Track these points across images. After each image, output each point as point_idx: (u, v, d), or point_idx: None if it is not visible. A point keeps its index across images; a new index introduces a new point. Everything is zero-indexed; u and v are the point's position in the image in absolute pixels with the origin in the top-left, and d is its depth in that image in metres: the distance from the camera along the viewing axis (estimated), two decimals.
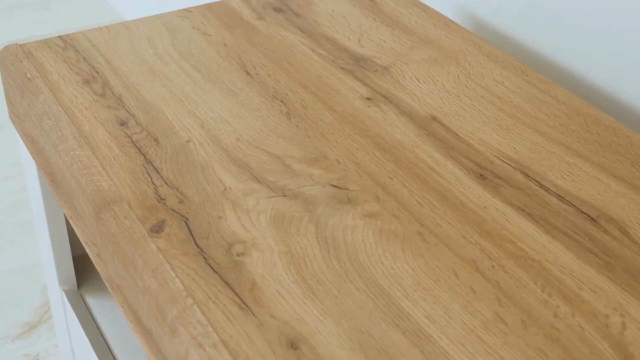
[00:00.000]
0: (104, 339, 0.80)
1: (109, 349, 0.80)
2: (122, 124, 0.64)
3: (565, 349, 0.45)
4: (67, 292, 0.80)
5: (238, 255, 0.52)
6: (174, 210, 0.56)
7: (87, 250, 0.61)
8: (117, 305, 0.83)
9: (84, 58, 0.73)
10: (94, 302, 0.81)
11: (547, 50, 0.75)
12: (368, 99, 0.66)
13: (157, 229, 0.54)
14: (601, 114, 0.64)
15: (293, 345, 0.46)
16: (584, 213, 0.55)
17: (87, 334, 0.78)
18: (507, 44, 0.80)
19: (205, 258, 0.52)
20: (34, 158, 0.70)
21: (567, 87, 0.75)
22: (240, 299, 0.49)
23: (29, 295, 1.19)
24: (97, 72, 0.71)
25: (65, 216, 0.79)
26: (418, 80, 0.69)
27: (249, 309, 0.48)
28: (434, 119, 0.64)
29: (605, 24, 0.69)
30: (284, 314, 0.48)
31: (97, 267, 0.60)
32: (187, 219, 0.55)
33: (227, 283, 0.50)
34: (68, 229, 0.81)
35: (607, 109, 0.71)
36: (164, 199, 0.57)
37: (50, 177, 0.67)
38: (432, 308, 0.48)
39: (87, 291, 0.81)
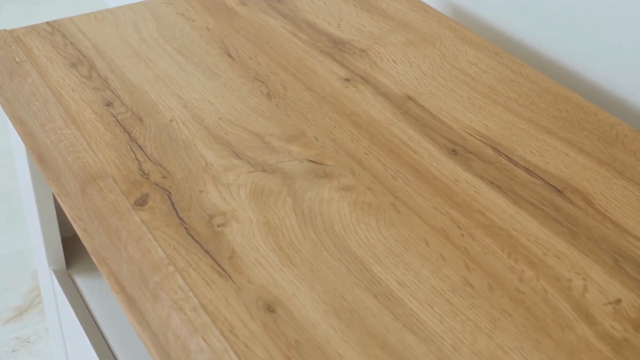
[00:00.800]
0: (92, 318, 0.82)
1: (98, 327, 0.82)
2: (108, 104, 0.66)
3: (529, 310, 0.48)
4: (56, 272, 0.82)
5: (218, 226, 0.54)
6: (157, 185, 0.58)
7: (74, 226, 0.63)
8: (105, 284, 0.85)
9: (71, 43, 0.75)
10: (83, 282, 0.83)
11: (523, 36, 0.78)
12: (346, 79, 0.69)
13: (140, 202, 0.56)
14: (571, 93, 0.66)
15: (269, 308, 0.48)
16: (550, 185, 0.57)
17: (76, 313, 0.80)
18: (484, 29, 0.82)
19: (186, 229, 0.54)
20: (22, 139, 0.72)
21: (542, 71, 0.77)
22: (220, 266, 0.51)
23: (20, 280, 1.21)
24: (84, 56, 0.73)
25: (53, 197, 0.81)
26: (395, 62, 0.71)
27: (228, 275, 0.50)
28: (409, 98, 0.66)
29: (577, 9, 0.71)
30: (261, 279, 0.50)
31: (83, 241, 0.62)
32: (169, 192, 0.57)
33: (207, 252, 0.52)
34: (57, 211, 0.83)
35: (581, 91, 0.73)
36: (147, 174, 0.59)
37: (39, 157, 0.69)
38: (403, 273, 0.50)
39: (75, 271, 0.84)
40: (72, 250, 0.86)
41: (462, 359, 0.45)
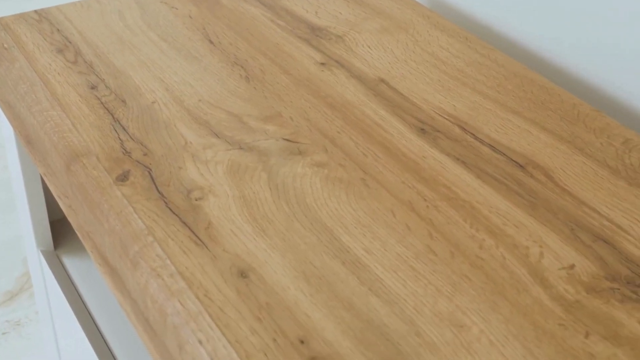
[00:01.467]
0: (80, 298, 0.84)
1: (85, 307, 0.84)
2: (92, 87, 0.69)
3: (488, 275, 0.51)
4: (44, 253, 0.85)
5: (196, 200, 0.57)
6: (138, 162, 0.60)
7: (60, 203, 0.66)
8: (91, 265, 0.88)
9: (58, 30, 0.78)
10: (70, 263, 0.85)
11: (496, 23, 0.81)
12: (322, 64, 0.71)
13: (122, 177, 0.59)
14: (536, 76, 0.69)
15: (243, 274, 0.51)
16: (513, 161, 0.60)
17: (64, 293, 0.83)
18: (459, 17, 0.85)
19: (165, 202, 0.57)
20: (10, 122, 0.75)
21: (515, 58, 0.80)
22: (197, 236, 0.54)
23: (12, 266, 1.23)
24: (70, 42, 0.76)
25: (41, 180, 0.83)
26: (369, 47, 0.74)
27: (204, 244, 0.53)
28: (382, 81, 0.69)
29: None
30: (236, 248, 0.53)
31: (68, 217, 0.65)
32: (150, 169, 0.60)
33: (185, 223, 0.55)
34: (45, 195, 0.86)
35: (551, 77, 0.76)
36: (129, 152, 0.61)
37: (26, 138, 0.71)
38: (370, 242, 0.53)
39: (63, 252, 0.86)
40: (60, 233, 0.89)
41: (423, 319, 0.48)
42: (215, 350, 0.46)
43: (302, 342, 0.46)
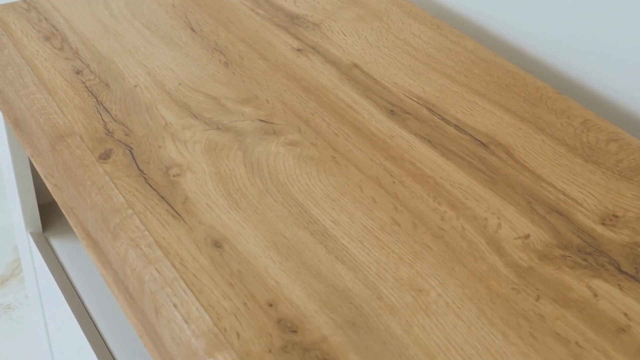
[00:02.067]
0: (68, 279, 0.87)
1: (73, 287, 0.87)
2: (78, 72, 0.72)
3: (448, 244, 0.54)
4: (33, 235, 0.88)
5: (174, 176, 0.60)
6: (120, 141, 0.63)
7: (46, 183, 0.69)
8: (79, 246, 0.91)
9: (46, 18, 0.81)
10: (58, 244, 0.88)
11: (470, 13, 0.84)
12: (298, 50, 0.74)
13: (104, 156, 0.62)
14: (503, 61, 0.72)
15: (217, 244, 0.54)
16: (477, 140, 0.63)
17: (52, 274, 0.86)
18: (432, 7, 0.88)
19: (145, 178, 0.60)
20: None
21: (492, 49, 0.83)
22: (174, 209, 0.57)
23: (2, 252, 1.26)
24: (57, 30, 0.78)
25: (30, 164, 0.86)
26: (344, 35, 0.77)
27: (181, 217, 0.56)
28: (355, 66, 0.72)
29: None
30: (211, 220, 0.56)
31: (54, 196, 0.68)
32: (131, 148, 0.63)
33: (163, 197, 0.58)
34: (34, 179, 0.89)
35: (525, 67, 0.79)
36: (111, 133, 0.64)
37: (14, 122, 0.74)
38: (338, 215, 0.56)
39: (51, 234, 0.89)
40: (48, 216, 0.92)
41: (385, 284, 0.51)
42: (188, 313, 0.49)
43: (270, 305, 0.49)
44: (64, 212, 0.66)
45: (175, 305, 0.50)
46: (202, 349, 0.47)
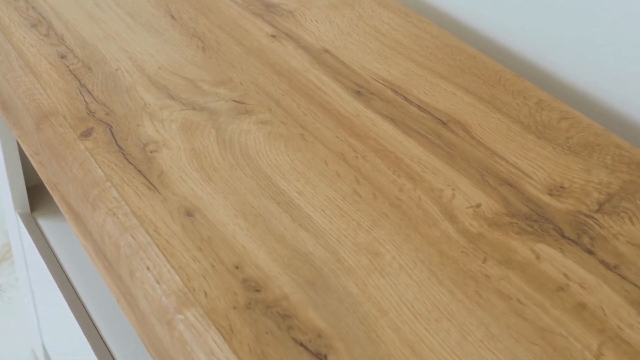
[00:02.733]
0: (55, 256, 0.91)
1: (60, 265, 0.91)
2: (62, 57, 0.76)
3: (404, 213, 0.57)
4: (21, 215, 0.91)
5: (151, 152, 0.63)
6: (101, 120, 0.67)
7: (32, 161, 0.72)
8: (65, 226, 0.94)
9: (33, 7, 0.84)
10: (45, 224, 0.92)
11: (448, 7, 0.87)
12: (273, 36, 0.78)
13: (86, 134, 0.66)
14: (466, 46, 0.76)
15: (189, 213, 0.58)
16: (437, 118, 0.67)
17: (40, 252, 0.90)
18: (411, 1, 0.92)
19: (123, 154, 0.63)
20: None
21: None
22: (150, 182, 0.60)
23: None
24: (43, 18, 0.82)
25: (18, 147, 0.90)
26: (317, 22, 0.80)
27: (156, 189, 0.60)
28: (326, 51, 0.76)
29: None
30: (184, 192, 0.59)
31: (39, 173, 0.71)
32: (111, 126, 0.66)
33: (140, 171, 0.61)
34: (22, 161, 0.92)
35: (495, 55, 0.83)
36: (93, 112, 0.68)
37: (2, 104, 0.78)
38: (303, 186, 0.60)
39: (39, 215, 0.93)
40: (36, 198, 0.96)
41: (344, 248, 0.54)
42: (160, 274, 0.53)
43: (236, 267, 0.53)
44: (48, 188, 0.70)
45: (148, 268, 0.54)
46: (171, 307, 0.51)
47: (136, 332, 0.57)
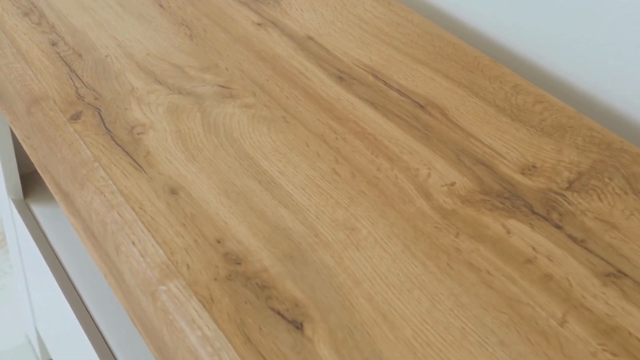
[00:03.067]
0: (47, 241, 0.93)
1: (53, 249, 0.93)
2: (53, 44, 0.78)
3: (381, 191, 0.60)
4: (14, 201, 0.93)
5: (138, 134, 0.66)
6: (90, 104, 0.69)
7: (24, 145, 0.75)
8: (58, 212, 0.96)
9: None
10: (38, 210, 0.94)
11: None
12: (258, 24, 0.80)
13: (75, 117, 0.68)
14: (446, 34, 0.78)
15: (173, 192, 0.60)
16: (415, 102, 0.69)
17: (32, 237, 0.92)
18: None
19: (111, 136, 0.65)
20: None
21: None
22: (136, 162, 0.62)
23: None
24: (35, 7, 0.84)
25: (11, 133, 0.92)
26: (301, 10, 0.83)
27: (142, 169, 0.62)
28: (310, 38, 0.78)
29: None
30: (169, 171, 0.61)
31: (30, 157, 0.73)
32: (100, 110, 0.68)
33: (127, 152, 0.64)
34: (15, 149, 0.94)
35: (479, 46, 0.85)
36: (82, 97, 0.70)
37: None
38: (284, 166, 0.62)
39: (32, 201, 0.95)
40: (29, 186, 0.98)
41: (322, 224, 0.56)
42: (145, 249, 0.55)
43: (218, 242, 0.55)
44: (39, 171, 0.72)
45: (133, 243, 0.56)
46: (155, 278, 0.53)
47: (122, 306, 0.59)
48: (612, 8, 0.69)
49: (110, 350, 0.89)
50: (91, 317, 0.92)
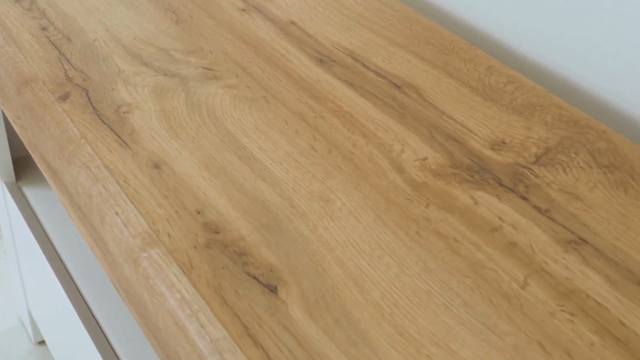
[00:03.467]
0: (39, 223, 0.95)
1: (44, 230, 0.95)
2: (43, 29, 0.80)
3: (356, 165, 0.62)
4: (7, 184, 0.96)
5: (124, 113, 0.68)
6: (78, 85, 0.72)
7: (14, 126, 0.77)
8: (49, 194, 0.99)
9: None
10: (30, 192, 0.96)
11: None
12: (242, 10, 0.83)
13: (63, 97, 0.70)
14: (425, 19, 0.81)
15: (156, 166, 0.62)
16: (392, 83, 0.71)
17: (24, 218, 0.94)
18: None
19: (98, 115, 0.68)
20: None
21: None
22: (121, 139, 0.65)
23: None
24: None
25: (4, 117, 0.94)
26: None
27: (127, 145, 0.64)
28: (292, 22, 0.80)
29: None
30: (153, 148, 0.64)
31: (21, 137, 0.76)
32: (87, 90, 0.71)
33: (112, 130, 0.66)
34: (8, 134, 0.97)
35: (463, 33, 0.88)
36: (71, 78, 0.73)
37: None
38: (264, 142, 0.64)
39: (24, 184, 0.97)
40: (21, 170, 1.00)
41: (298, 196, 0.59)
42: (128, 219, 0.58)
43: (198, 212, 0.58)
44: (29, 150, 0.74)
45: (117, 213, 0.58)
46: (137, 246, 0.55)
47: (107, 275, 0.61)
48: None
49: (101, 329, 0.92)
50: (83, 298, 0.94)
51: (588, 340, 0.48)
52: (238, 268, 0.53)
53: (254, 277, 0.52)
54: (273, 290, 0.52)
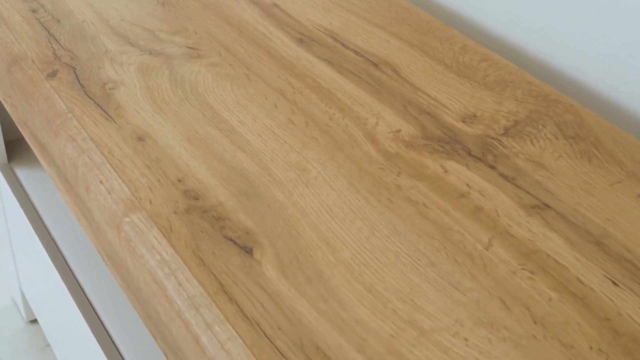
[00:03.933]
0: (31, 203, 0.98)
1: (36, 210, 0.98)
2: (34, 11, 0.83)
3: (332, 137, 0.64)
4: None
5: (109, 89, 0.70)
6: (66, 64, 0.74)
7: (5, 104, 0.79)
8: (41, 176, 1.01)
9: None
10: (22, 173, 0.99)
11: None
12: None
13: (51, 74, 0.73)
14: (403, 1, 0.83)
15: (140, 138, 0.65)
16: (370, 61, 0.74)
17: (16, 198, 0.97)
18: None
19: (85, 91, 0.70)
20: None
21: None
22: (107, 113, 0.67)
23: None
24: None
25: None
26: None
27: (112, 119, 0.67)
28: (275, 5, 0.83)
29: None
30: (137, 121, 0.66)
31: (11, 115, 0.78)
32: (75, 68, 0.73)
33: (98, 105, 0.68)
34: (0, 116, 0.99)
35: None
36: (59, 57, 0.75)
37: None
38: (244, 116, 0.67)
39: (16, 165, 1.00)
40: (14, 152, 1.02)
41: (276, 166, 0.61)
42: (112, 187, 0.60)
43: (179, 180, 0.60)
44: (19, 127, 0.77)
45: (101, 182, 0.61)
46: (120, 212, 0.58)
47: (92, 243, 0.64)
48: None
49: (93, 308, 0.94)
50: (74, 277, 0.97)
51: (547, 296, 0.51)
52: (216, 231, 0.56)
53: (231, 240, 0.55)
54: (249, 251, 0.54)
